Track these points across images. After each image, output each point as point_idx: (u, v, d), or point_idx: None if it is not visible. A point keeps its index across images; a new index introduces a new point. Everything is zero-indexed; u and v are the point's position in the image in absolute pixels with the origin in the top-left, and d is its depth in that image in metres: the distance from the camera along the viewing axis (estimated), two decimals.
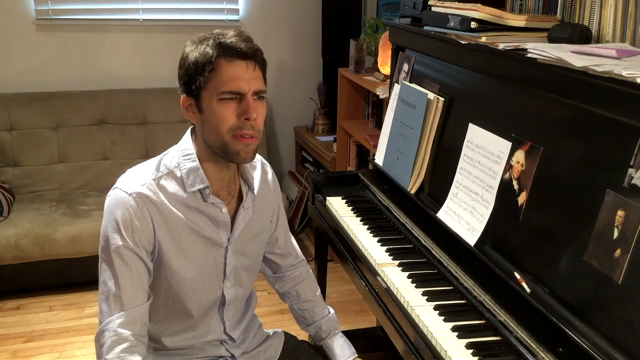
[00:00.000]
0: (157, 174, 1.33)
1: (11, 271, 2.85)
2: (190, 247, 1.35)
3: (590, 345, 1.08)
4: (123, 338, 1.24)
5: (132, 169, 1.35)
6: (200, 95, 1.27)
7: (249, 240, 1.45)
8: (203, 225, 1.35)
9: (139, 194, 1.28)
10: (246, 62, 1.25)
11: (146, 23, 3.50)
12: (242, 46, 1.25)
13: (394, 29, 2.10)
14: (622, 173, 1.11)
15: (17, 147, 3.23)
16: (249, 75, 1.25)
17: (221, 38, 1.25)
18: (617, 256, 1.09)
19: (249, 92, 1.25)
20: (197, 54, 1.25)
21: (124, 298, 1.26)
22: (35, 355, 2.53)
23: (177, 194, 1.32)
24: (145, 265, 1.29)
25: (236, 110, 1.25)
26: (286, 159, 4.00)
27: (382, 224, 1.85)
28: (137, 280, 1.28)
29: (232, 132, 1.26)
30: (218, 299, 1.43)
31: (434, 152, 1.76)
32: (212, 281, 1.40)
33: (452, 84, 1.74)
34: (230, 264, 1.41)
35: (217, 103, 1.25)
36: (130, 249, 1.27)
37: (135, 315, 1.26)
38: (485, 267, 1.40)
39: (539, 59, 1.29)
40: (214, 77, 1.24)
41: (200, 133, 1.32)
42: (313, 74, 3.84)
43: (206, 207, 1.35)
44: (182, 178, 1.33)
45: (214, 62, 1.24)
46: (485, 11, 1.55)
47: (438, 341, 1.27)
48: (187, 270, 1.35)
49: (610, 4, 1.43)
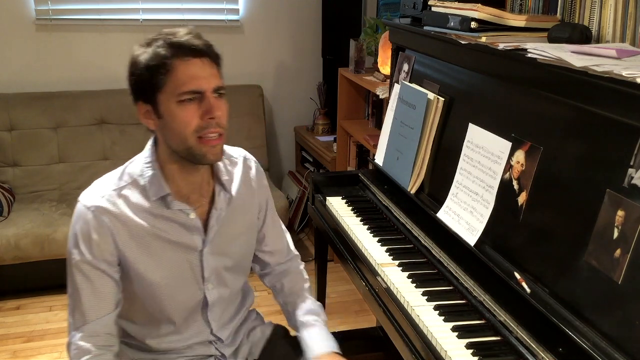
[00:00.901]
0: (119, 183, 1.31)
1: (11, 271, 2.85)
2: (160, 254, 1.32)
3: (590, 345, 1.08)
4: (85, 350, 1.26)
5: (97, 180, 1.34)
6: (157, 100, 1.21)
7: (230, 242, 1.41)
8: (171, 231, 1.32)
9: (97, 207, 1.27)
10: (202, 59, 1.20)
11: (146, 23, 3.50)
12: (195, 43, 1.19)
13: (394, 29, 2.10)
14: (622, 173, 1.11)
15: (17, 147, 3.23)
16: (206, 73, 1.20)
17: (172, 37, 1.19)
18: (617, 256, 1.09)
19: (209, 90, 1.20)
20: (148, 56, 1.19)
21: (86, 312, 1.28)
22: (35, 355, 2.53)
23: (141, 203, 1.30)
24: (108, 277, 1.29)
25: (198, 110, 1.20)
26: (286, 159, 4.00)
27: (382, 224, 1.85)
28: (98, 293, 1.29)
29: (197, 134, 1.21)
30: (200, 302, 1.41)
31: (434, 152, 1.76)
32: (190, 285, 1.38)
33: (452, 84, 1.74)
34: (208, 266, 1.38)
35: (176, 106, 1.19)
36: (89, 263, 1.27)
37: (97, 328, 1.28)
38: (485, 267, 1.40)
39: (539, 59, 1.29)
40: (170, 79, 1.18)
41: (163, 139, 1.27)
42: (313, 74, 3.84)
43: (172, 214, 1.32)
44: (145, 186, 1.30)
45: (168, 64, 1.18)
46: (485, 11, 1.55)
47: (438, 341, 1.27)
48: (161, 277, 1.33)
49: (610, 4, 1.43)
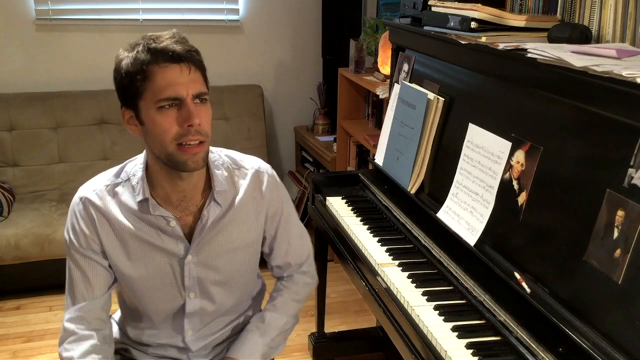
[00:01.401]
0: (113, 180, 1.33)
1: (11, 271, 2.85)
2: (142, 256, 1.32)
3: (590, 345, 1.08)
4: (70, 332, 1.31)
5: (99, 174, 1.37)
6: (138, 106, 1.20)
7: (220, 255, 1.37)
8: (155, 235, 1.32)
9: (87, 199, 1.32)
10: (180, 65, 1.17)
11: (146, 23, 3.50)
12: (174, 49, 1.16)
13: (394, 29, 2.10)
14: (622, 173, 1.11)
15: (17, 147, 3.23)
16: (185, 79, 1.17)
17: (151, 43, 1.17)
18: (617, 256, 1.09)
19: (188, 97, 1.17)
20: (129, 61, 1.18)
21: (76, 296, 1.33)
22: (35, 355, 2.53)
23: (129, 203, 1.31)
24: (97, 264, 1.33)
25: (177, 117, 1.17)
26: (286, 159, 4.00)
27: (382, 224, 1.85)
28: (87, 279, 1.32)
29: (177, 141, 1.19)
30: (178, 308, 1.39)
31: (434, 152, 1.76)
32: (170, 289, 1.36)
33: (452, 84, 1.74)
34: (190, 275, 1.35)
35: (156, 113, 1.18)
36: (77, 251, 1.32)
37: (84, 312, 1.32)
38: (485, 267, 1.40)
39: (539, 59, 1.29)
40: (148, 85, 1.17)
41: (147, 145, 1.27)
42: (313, 74, 3.83)
43: (154, 219, 1.31)
44: (134, 186, 1.31)
45: (146, 70, 1.16)
46: (485, 11, 1.55)
47: (438, 341, 1.27)
48: (139, 275, 1.33)
49: (610, 4, 1.43)
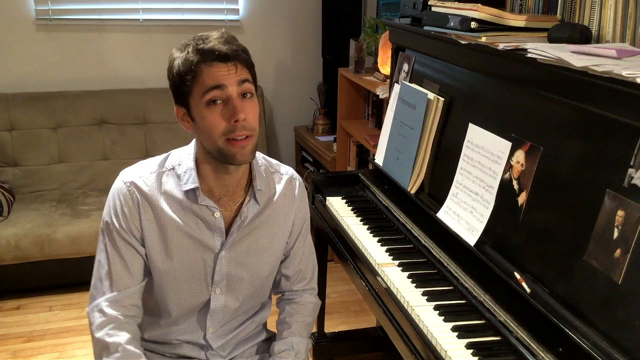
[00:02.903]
0: (159, 169, 1.36)
1: (11, 271, 2.85)
2: (178, 246, 1.34)
3: (590, 345, 1.08)
4: (112, 318, 1.30)
5: (141, 162, 1.39)
6: (189, 104, 1.26)
7: (252, 253, 1.40)
8: (194, 226, 1.34)
9: (133, 183, 1.33)
10: (227, 64, 1.22)
11: (146, 23, 3.50)
12: (221, 49, 1.21)
13: (394, 29, 2.10)
14: (622, 173, 1.11)
15: (17, 147, 3.23)
16: (231, 76, 1.22)
17: (200, 43, 1.22)
18: (617, 256, 1.09)
19: (234, 92, 1.22)
20: (180, 62, 1.23)
21: (114, 281, 1.32)
22: (35, 355, 2.53)
23: (174, 193, 1.34)
24: (135, 250, 1.33)
25: (224, 113, 1.23)
26: (286, 159, 4.00)
27: (382, 224, 1.85)
28: (127, 263, 1.33)
29: (225, 136, 1.24)
30: (203, 303, 1.40)
31: (434, 152, 1.76)
32: (198, 283, 1.38)
33: (452, 84, 1.74)
34: (221, 270, 1.38)
35: (204, 109, 1.23)
36: (120, 235, 1.32)
37: (122, 297, 1.32)
38: (485, 267, 1.40)
39: (539, 59, 1.29)
40: (196, 83, 1.22)
41: (198, 140, 1.32)
42: (313, 74, 3.84)
43: (199, 209, 1.34)
44: (180, 175, 1.34)
45: (194, 69, 1.21)
46: (485, 11, 1.55)
47: (438, 341, 1.27)
48: (171, 267, 1.35)
49: (610, 4, 1.43)
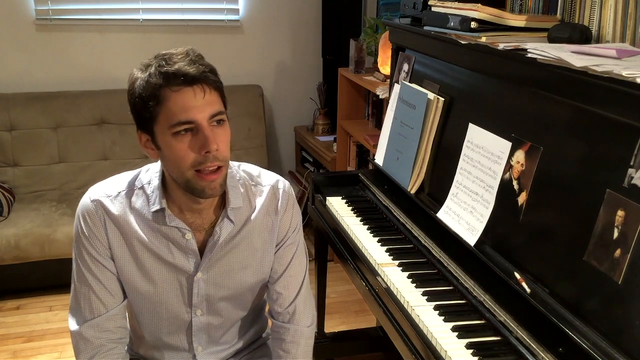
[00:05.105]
0: (129, 187, 1.27)
1: (11, 271, 2.85)
2: (150, 268, 1.27)
3: (590, 345, 1.08)
4: (96, 346, 1.25)
5: (110, 178, 1.30)
6: (154, 131, 1.14)
7: (230, 273, 1.31)
8: (164, 249, 1.26)
9: (99, 202, 1.25)
10: (193, 87, 1.10)
11: (146, 23, 3.50)
12: (187, 71, 1.09)
13: (394, 29, 2.10)
14: (622, 173, 1.11)
15: (17, 147, 3.23)
16: (199, 102, 1.10)
17: (163, 65, 1.10)
18: (617, 256, 1.09)
19: (204, 121, 1.11)
20: (141, 84, 1.11)
21: (93, 306, 1.26)
22: (35, 355, 2.53)
23: (143, 213, 1.25)
24: (109, 271, 1.27)
25: (193, 144, 1.11)
26: (286, 159, 4.00)
27: (382, 224, 1.84)
28: (103, 286, 1.26)
29: (195, 168, 1.13)
30: (186, 323, 1.33)
31: (434, 152, 1.76)
32: (177, 305, 1.31)
33: (452, 84, 1.74)
34: (198, 293, 1.30)
35: (171, 138, 1.11)
36: (91, 255, 1.25)
37: (104, 321, 1.27)
38: (485, 267, 1.40)
39: (539, 59, 1.29)
40: (161, 110, 1.10)
41: (165, 168, 1.22)
42: (313, 74, 3.83)
43: (168, 230, 1.25)
44: (149, 195, 1.25)
45: (158, 95, 1.09)
46: (485, 11, 1.55)
47: (438, 341, 1.27)
48: (147, 289, 1.28)
49: (610, 4, 1.43)
